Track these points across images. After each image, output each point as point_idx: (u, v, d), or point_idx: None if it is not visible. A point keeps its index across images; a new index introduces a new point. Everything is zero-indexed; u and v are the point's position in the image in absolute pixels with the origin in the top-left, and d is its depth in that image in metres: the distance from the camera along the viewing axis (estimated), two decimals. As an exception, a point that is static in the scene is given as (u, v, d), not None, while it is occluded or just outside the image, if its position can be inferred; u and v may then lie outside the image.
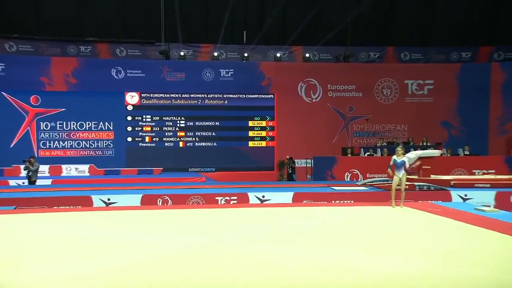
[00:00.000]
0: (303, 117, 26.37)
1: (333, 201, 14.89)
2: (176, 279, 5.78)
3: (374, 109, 26.91)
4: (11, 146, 23.75)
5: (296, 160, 25.25)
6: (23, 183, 20.26)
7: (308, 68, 26.92)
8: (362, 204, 13.55)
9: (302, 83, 26.76)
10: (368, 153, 22.15)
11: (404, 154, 11.76)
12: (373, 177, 19.63)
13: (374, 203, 13.81)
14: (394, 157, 11.78)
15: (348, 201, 14.86)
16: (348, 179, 21.13)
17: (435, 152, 18.45)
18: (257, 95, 26.34)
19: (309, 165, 23.90)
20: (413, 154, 17.45)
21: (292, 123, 26.25)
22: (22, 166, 18.87)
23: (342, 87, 27.00)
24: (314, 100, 26.82)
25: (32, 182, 18.73)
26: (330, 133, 26.70)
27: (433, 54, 28.29)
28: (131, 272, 6.12)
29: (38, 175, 22.42)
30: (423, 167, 17.46)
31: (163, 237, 8.40)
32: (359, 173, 21.19)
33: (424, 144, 22.64)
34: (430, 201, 14.36)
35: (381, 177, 19.74)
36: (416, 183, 16.50)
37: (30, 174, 18.78)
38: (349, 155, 22.21)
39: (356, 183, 18.72)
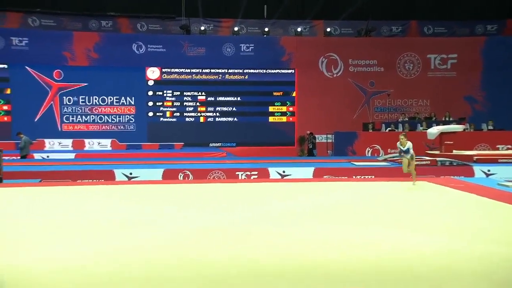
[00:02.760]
0: (324, 92, 26.20)
1: (353, 177, 14.88)
2: (193, 255, 5.85)
3: (396, 84, 26.60)
4: (35, 120, 24.08)
5: (316, 136, 25.18)
6: (47, 156, 20.63)
7: (329, 43, 26.63)
8: (383, 180, 13.51)
9: (323, 58, 26.52)
10: (390, 129, 21.97)
11: (408, 141, 11.46)
12: (395, 153, 19.51)
13: (395, 178, 13.75)
14: (398, 144, 11.59)
15: (369, 177, 14.83)
16: (369, 155, 21.04)
17: (458, 127, 18.23)
18: (277, 70, 26.21)
19: (330, 141, 23.83)
20: (436, 129, 17.27)
21: (313, 98, 26.10)
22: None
23: (363, 62, 26.70)
24: (335, 75, 26.60)
25: (23, 156, 18.78)
26: (351, 108, 26.52)
27: (457, 28, 27.73)
28: (150, 248, 6.20)
29: (62, 148, 22.81)
30: (445, 142, 17.27)
31: (183, 212, 8.49)
32: (380, 149, 21.08)
33: (447, 119, 22.36)
34: (452, 177, 14.25)
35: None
36: (438, 159, 16.37)
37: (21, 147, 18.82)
38: (370, 131, 22.07)
39: (377, 159, 18.64)
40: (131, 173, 14.87)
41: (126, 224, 7.50)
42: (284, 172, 15.22)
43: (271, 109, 26.38)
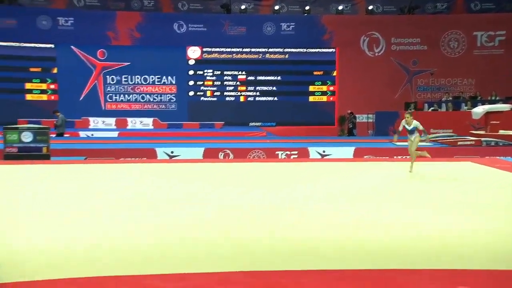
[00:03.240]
0: (365, 72, 25.81)
1: (394, 157, 14.70)
2: (234, 234, 5.94)
3: (440, 63, 25.95)
4: (81, 99, 24.65)
5: (357, 115, 24.91)
6: (92, 134, 21.16)
7: (371, 21, 26.14)
8: (425, 160, 13.30)
9: (364, 37, 26.08)
10: (432, 108, 21.54)
11: (413, 119, 10.68)
12: (437, 133, 19.14)
13: (437, 158, 13.52)
14: (404, 122, 10.71)
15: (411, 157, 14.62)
16: (411, 135, 20.69)
17: (504, 107, 17.71)
18: (318, 50, 25.94)
19: (371, 120, 23.55)
20: (481, 109, 16.85)
21: (354, 78, 25.76)
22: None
23: (406, 40, 26.12)
24: (376, 54, 26.15)
25: (59, 134, 19.06)
26: (392, 87, 26.07)
27: (506, 3, 26.70)
28: (191, 225, 6.32)
29: (106, 127, 23.34)
30: (491, 122, 16.83)
31: (223, 191, 8.60)
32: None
33: (493, 98, 21.74)
34: (498, 157, 13.91)
35: (445, 132, 19.24)
36: (483, 139, 15.99)
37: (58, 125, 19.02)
38: (412, 110, 21.66)
39: (420, 138, 18.33)
40: (172, 152, 15.11)
41: (168, 202, 7.66)
42: (324, 151, 15.17)
43: (311, 88, 26.20)
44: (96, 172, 10.75)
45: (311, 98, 26.25)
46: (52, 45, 24.13)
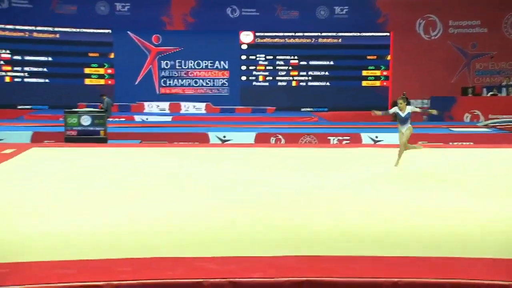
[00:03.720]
0: (420, 56, 25.13)
1: (450, 143, 14.36)
2: (284, 219, 6.00)
3: (501, 46, 24.94)
4: (136, 83, 25.23)
5: (411, 100, 24.35)
6: (147, 118, 21.66)
7: (428, 3, 25.34)
8: (483, 146, 12.92)
9: (420, 20, 25.38)
10: (492, 93, 20.83)
11: (408, 104, 9.57)
12: (496, 118, 18.51)
13: (497, 145, 13.11)
14: (397, 109, 9.51)
15: (468, 143, 14.25)
16: (468, 120, 20.11)
17: None
18: (372, 33, 25.47)
19: (426, 106, 23.00)
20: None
21: (408, 62, 25.13)
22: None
23: (465, 23, 25.25)
24: (433, 38, 25.42)
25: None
26: (449, 72, 25.29)
27: None
28: (238, 209, 6.42)
29: (160, 111, 23.84)
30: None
31: (274, 176, 8.66)
32: (480, 114, 20.07)
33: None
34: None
35: (506, 118, 18.58)
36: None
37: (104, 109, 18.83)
38: (470, 95, 21.04)
39: (477, 124, 17.82)
40: (224, 136, 15.30)
41: (218, 185, 7.80)
42: (377, 137, 14.99)
43: (364, 73, 25.80)
44: (150, 155, 11.04)
45: (364, 83, 25.87)
46: (110, 31, 24.75)
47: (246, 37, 25.64)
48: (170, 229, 5.53)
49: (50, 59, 24.26)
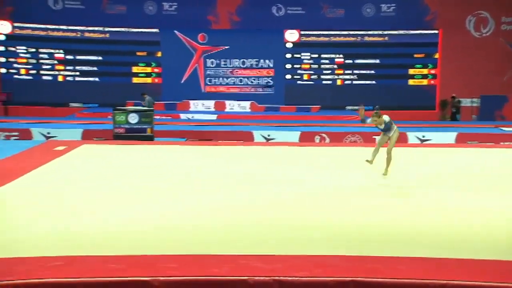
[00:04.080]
0: (470, 54, 24.43)
1: (501, 143, 13.95)
2: (329, 218, 5.99)
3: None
4: (182, 81, 25.57)
5: (460, 99, 23.75)
6: (192, 116, 21.96)
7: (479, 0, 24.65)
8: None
9: (470, 17, 24.70)
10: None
11: (383, 116, 8.83)
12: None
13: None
14: (373, 123, 8.91)
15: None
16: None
17: None
18: (420, 31, 24.96)
19: (475, 105, 22.41)
20: None
21: (457, 60, 24.48)
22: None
23: (519, 19, 24.42)
24: (484, 35, 24.70)
25: None
26: (500, 70, 24.48)
27: None
28: (284, 207, 6.45)
29: (205, 109, 24.08)
30: None
31: (319, 174, 8.65)
32: (534, 114, 19.40)
33: None
34: None
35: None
36: None
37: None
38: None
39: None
40: (269, 135, 15.36)
41: (262, 183, 7.87)
42: (423, 136, 14.74)
43: (411, 71, 25.33)
44: (194, 153, 11.18)
45: (410, 82, 25.39)
46: (157, 30, 25.16)
47: (291, 35, 25.58)
48: (215, 226, 5.61)
49: (100, 58, 24.90)
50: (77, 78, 24.89)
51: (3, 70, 24.11)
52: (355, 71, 25.57)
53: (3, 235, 5.15)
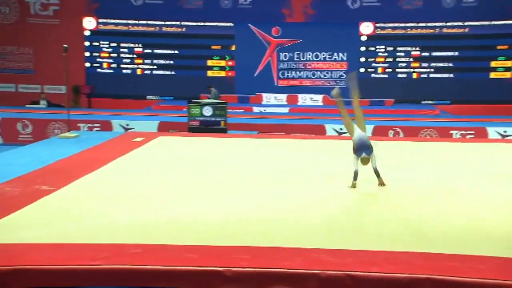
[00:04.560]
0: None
1: None
2: (402, 213, 5.89)
3: None
4: (255, 75, 25.79)
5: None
6: (264, 110, 22.13)
7: None
8: None
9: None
10: None
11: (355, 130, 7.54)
12: None
13: None
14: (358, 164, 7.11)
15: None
16: None
17: None
18: (504, 21, 23.78)
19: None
20: None
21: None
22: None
23: None
24: None
25: None
26: None
27: None
28: (354, 201, 6.42)
29: (277, 102, 24.20)
30: None
31: (390, 168, 8.49)
32: None
33: None
34: None
35: None
36: None
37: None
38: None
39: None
40: (341, 129, 15.22)
41: (331, 176, 7.85)
42: (505, 132, 14.11)
43: (493, 64, 24.22)
44: (267, 146, 11.27)
45: (492, 75, 24.29)
46: (232, 24, 25.50)
47: (366, 28, 25.14)
48: (286, 219, 5.67)
49: (176, 52, 25.60)
50: (154, 72, 25.71)
51: (87, 64, 25.34)
52: (432, 64, 24.79)
53: (86, 222, 5.45)
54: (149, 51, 25.60)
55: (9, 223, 5.35)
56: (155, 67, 25.69)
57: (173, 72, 25.70)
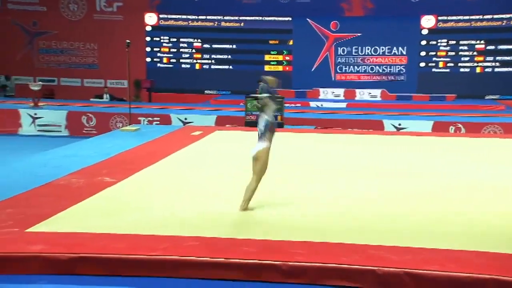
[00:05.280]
0: None
1: None
2: (462, 211, 5.74)
3: None
4: (312, 70, 25.64)
5: None
6: (321, 105, 21.97)
7: None
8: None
9: None
10: None
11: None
12: None
13: None
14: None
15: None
16: None
17: None
18: None
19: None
20: None
21: None
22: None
23: None
24: None
25: None
26: None
27: None
28: (415, 199, 6.29)
29: (335, 97, 23.98)
30: None
31: (451, 165, 8.30)
32: None
33: None
34: None
35: None
36: None
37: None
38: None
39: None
40: (399, 124, 14.97)
41: (392, 173, 7.73)
42: None
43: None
44: (323, 141, 11.23)
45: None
46: (290, 18, 25.44)
47: (428, 21, 24.46)
48: (344, 214, 5.64)
49: (234, 46, 25.81)
50: (213, 66, 26.03)
51: (148, 59, 25.97)
52: (498, 58, 23.86)
53: (146, 213, 5.61)
54: (208, 46, 25.93)
55: (75, 212, 5.59)
56: (213, 61, 26.00)
57: (230, 67, 25.92)
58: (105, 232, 4.92)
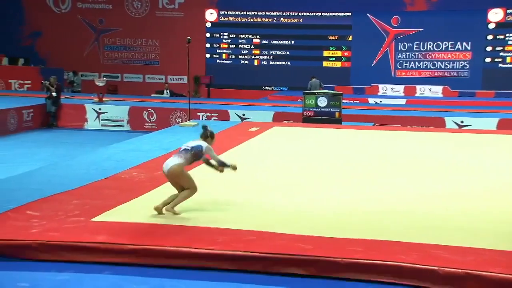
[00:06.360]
0: None
1: None
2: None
3: None
4: (372, 65, 25.24)
5: None
6: (380, 101, 21.61)
7: None
8: None
9: None
10: None
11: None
12: None
13: None
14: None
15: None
16: None
17: None
18: None
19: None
20: None
21: None
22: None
23: None
24: None
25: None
26: None
27: None
28: (472, 197, 6.12)
29: (394, 94, 23.53)
30: None
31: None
32: None
33: None
34: None
35: None
36: None
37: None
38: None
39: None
40: (462, 121, 14.55)
41: (448, 171, 7.59)
42: None
43: None
44: (382, 138, 11.05)
45: None
46: (349, 14, 25.14)
47: (495, 15, 23.53)
48: (402, 212, 5.56)
49: (292, 42, 25.78)
50: (271, 62, 26.10)
51: (207, 55, 26.35)
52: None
53: (206, 207, 5.71)
54: (266, 42, 26.02)
55: (136, 205, 5.77)
56: (271, 57, 26.06)
57: (289, 63, 25.91)
58: (166, 224, 5.05)
